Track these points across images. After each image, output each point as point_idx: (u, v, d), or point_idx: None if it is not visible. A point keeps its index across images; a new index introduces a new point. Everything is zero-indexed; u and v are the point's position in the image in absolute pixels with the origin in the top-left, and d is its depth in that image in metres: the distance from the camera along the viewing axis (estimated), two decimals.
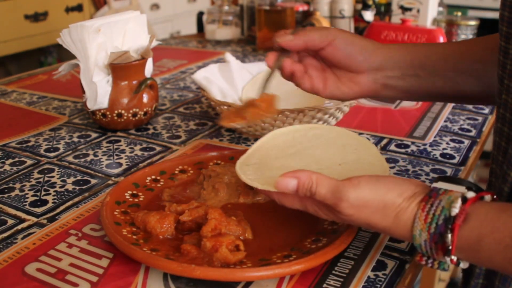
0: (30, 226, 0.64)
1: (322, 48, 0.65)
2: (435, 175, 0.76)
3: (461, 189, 0.49)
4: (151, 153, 0.84)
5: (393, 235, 0.51)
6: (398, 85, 0.67)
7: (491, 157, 0.63)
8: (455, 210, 0.46)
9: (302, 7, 1.56)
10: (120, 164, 0.81)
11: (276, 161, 0.63)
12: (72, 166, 0.80)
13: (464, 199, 0.47)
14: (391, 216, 0.49)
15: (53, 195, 0.71)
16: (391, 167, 0.78)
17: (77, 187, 0.74)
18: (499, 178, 0.60)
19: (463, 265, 0.49)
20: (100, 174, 0.78)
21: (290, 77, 0.68)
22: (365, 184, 0.50)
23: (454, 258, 0.47)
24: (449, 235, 0.46)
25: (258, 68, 1.04)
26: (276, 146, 0.65)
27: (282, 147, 0.65)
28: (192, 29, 2.11)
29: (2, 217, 0.66)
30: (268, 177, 0.58)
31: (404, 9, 1.46)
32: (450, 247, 0.46)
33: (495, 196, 0.50)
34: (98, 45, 0.87)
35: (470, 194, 0.48)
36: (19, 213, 0.67)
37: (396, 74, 0.66)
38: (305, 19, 1.47)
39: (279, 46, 0.65)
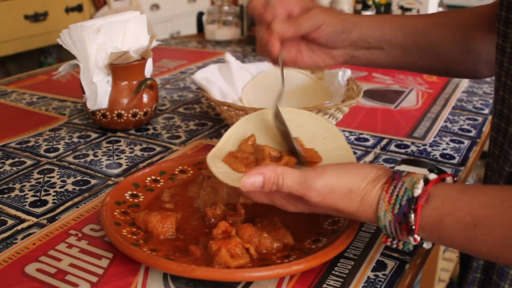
0: (30, 227, 0.64)
1: (308, 34, 0.69)
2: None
3: (423, 171, 0.50)
4: (151, 153, 0.84)
5: (360, 219, 0.52)
6: (365, 55, 0.74)
7: (488, 151, 0.64)
8: (417, 191, 0.48)
9: None
10: (120, 165, 0.81)
11: None
12: (72, 166, 0.80)
13: (426, 181, 0.49)
14: (357, 201, 0.50)
15: (53, 195, 0.71)
16: (390, 168, 0.78)
17: (77, 187, 0.74)
18: (495, 172, 0.60)
19: (426, 245, 0.50)
20: (100, 175, 0.78)
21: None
22: (329, 172, 0.51)
23: (418, 237, 0.49)
24: (412, 215, 0.48)
25: (258, 68, 1.04)
26: (246, 136, 0.65)
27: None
28: (192, 29, 2.11)
29: (2, 217, 0.66)
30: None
31: (404, 9, 1.46)
32: (414, 227, 0.48)
33: (455, 179, 0.52)
34: (98, 45, 0.87)
35: (432, 176, 0.49)
36: (19, 213, 0.67)
37: (364, 46, 0.73)
38: None
39: (276, 34, 0.66)
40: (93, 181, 0.76)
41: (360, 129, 0.93)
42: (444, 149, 0.85)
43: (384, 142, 0.88)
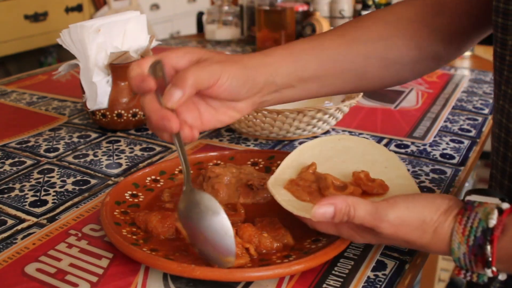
0: (30, 226, 0.64)
1: (206, 89, 0.55)
2: (435, 175, 0.76)
3: (495, 200, 0.49)
4: (151, 153, 0.84)
5: (432, 251, 0.51)
6: (273, 98, 0.63)
7: (491, 162, 0.63)
8: (492, 222, 0.46)
9: (302, 7, 1.57)
10: (120, 164, 0.81)
11: None
12: (72, 166, 0.80)
13: (500, 210, 0.47)
14: (430, 232, 0.49)
15: (53, 195, 0.71)
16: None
17: (77, 187, 0.74)
18: (503, 184, 0.59)
19: (502, 276, 0.48)
20: (100, 174, 0.78)
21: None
22: (402, 203, 0.50)
23: (495, 269, 0.47)
24: (489, 247, 0.46)
25: None
26: (305, 164, 0.65)
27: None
28: (192, 29, 2.11)
29: (2, 217, 0.66)
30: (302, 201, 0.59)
31: None
32: (490, 259, 0.46)
33: None
34: (98, 45, 0.87)
35: (505, 205, 0.48)
36: (19, 213, 0.67)
37: (272, 90, 0.62)
38: (305, 19, 1.47)
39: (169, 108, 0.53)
40: (93, 181, 0.76)
41: (360, 129, 0.93)
42: (444, 149, 0.85)
43: (384, 142, 0.88)
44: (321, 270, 0.55)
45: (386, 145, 0.87)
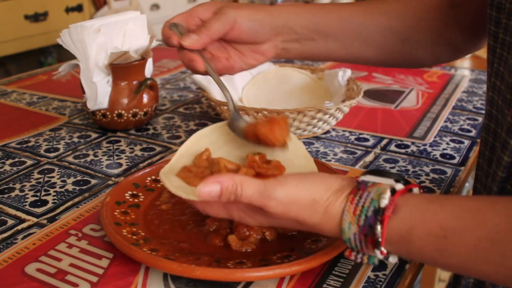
0: (30, 226, 0.64)
1: (226, 34, 0.64)
2: (435, 176, 0.76)
3: (390, 181, 0.48)
4: (151, 153, 0.84)
5: (323, 231, 0.49)
6: (296, 48, 0.69)
7: (478, 152, 0.64)
8: (384, 201, 0.45)
9: None
10: (120, 165, 0.81)
11: None
12: (72, 166, 0.80)
13: (393, 191, 0.46)
14: (320, 212, 0.48)
15: (53, 195, 0.71)
16: (391, 168, 0.79)
17: (77, 187, 0.74)
18: (488, 176, 0.60)
19: (392, 259, 0.48)
20: (100, 175, 0.78)
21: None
22: (292, 181, 0.49)
23: (384, 250, 0.46)
24: (379, 227, 0.45)
25: (258, 68, 1.04)
26: (201, 151, 0.62)
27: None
28: None
29: (2, 217, 0.66)
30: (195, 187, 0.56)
31: None
32: (380, 239, 0.45)
33: (421, 190, 0.50)
34: (98, 45, 0.87)
35: (399, 186, 0.47)
36: (19, 213, 0.67)
37: (293, 38, 0.68)
38: None
39: (187, 48, 0.63)
40: (93, 181, 0.76)
41: (360, 129, 0.93)
42: (444, 149, 0.85)
43: (384, 142, 0.88)
44: (321, 270, 0.55)
45: (386, 145, 0.87)
